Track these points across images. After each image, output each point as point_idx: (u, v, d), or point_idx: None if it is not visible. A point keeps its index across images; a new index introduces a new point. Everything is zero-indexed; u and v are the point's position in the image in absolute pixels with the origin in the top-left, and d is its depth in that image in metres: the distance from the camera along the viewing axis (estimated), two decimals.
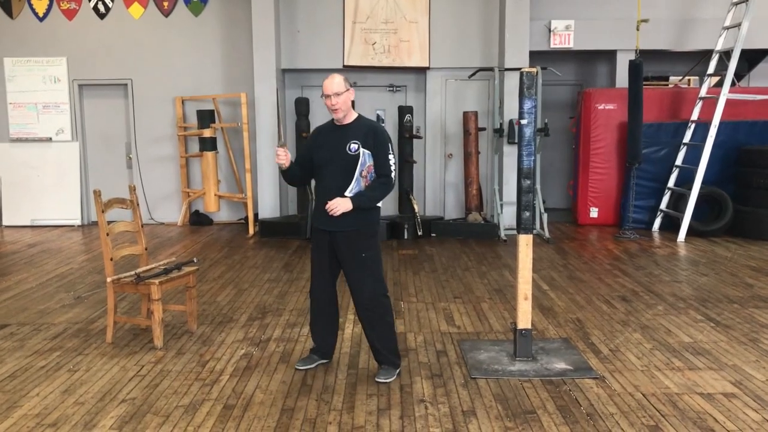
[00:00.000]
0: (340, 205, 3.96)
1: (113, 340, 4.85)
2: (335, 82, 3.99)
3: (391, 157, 4.09)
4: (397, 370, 4.20)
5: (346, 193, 4.00)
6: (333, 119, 4.14)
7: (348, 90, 4.03)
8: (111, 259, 4.78)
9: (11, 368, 4.36)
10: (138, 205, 5.12)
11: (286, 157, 4.11)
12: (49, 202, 10.15)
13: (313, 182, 4.33)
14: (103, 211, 4.75)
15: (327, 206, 3.98)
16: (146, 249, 5.15)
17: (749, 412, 3.63)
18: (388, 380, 4.08)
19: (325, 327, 4.34)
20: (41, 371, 4.30)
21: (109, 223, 4.81)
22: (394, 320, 4.34)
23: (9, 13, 10.06)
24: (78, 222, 10.16)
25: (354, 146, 4.02)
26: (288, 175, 4.27)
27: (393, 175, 4.09)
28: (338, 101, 3.99)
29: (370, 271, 4.09)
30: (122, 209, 5.12)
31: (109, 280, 4.76)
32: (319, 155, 4.14)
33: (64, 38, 10.11)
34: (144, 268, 4.89)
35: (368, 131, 4.08)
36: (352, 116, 4.13)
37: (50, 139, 10.26)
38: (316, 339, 4.37)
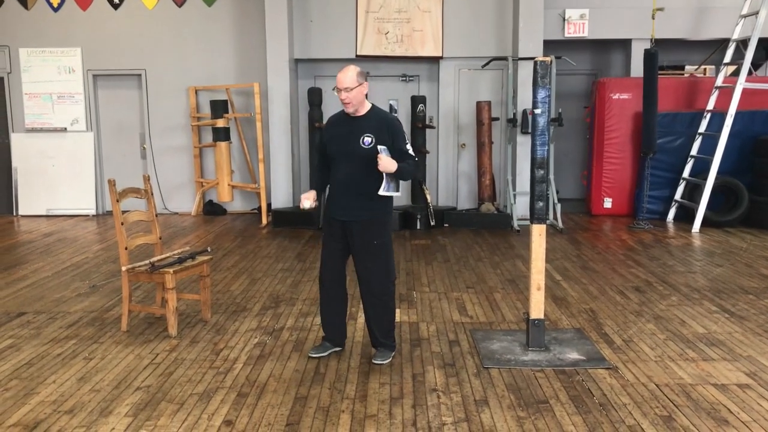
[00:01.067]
0: (390, 164, 3.95)
1: (128, 328, 4.89)
2: (348, 77, 3.99)
3: (408, 147, 4.15)
4: (393, 353, 4.30)
5: (380, 192, 4.04)
6: (343, 111, 4.16)
7: (361, 84, 4.02)
8: (126, 249, 4.82)
9: (28, 356, 4.41)
10: (152, 194, 5.15)
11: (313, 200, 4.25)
12: (64, 192, 10.23)
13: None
14: (117, 201, 4.78)
15: (379, 158, 3.93)
16: (160, 238, 5.18)
17: (764, 403, 3.61)
18: (384, 362, 4.20)
19: (336, 314, 4.37)
20: (57, 359, 4.35)
21: (123, 212, 4.84)
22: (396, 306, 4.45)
23: (24, 3, 10.11)
24: (93, 212, 10.24)
25: (368, 140, 4.04)
26: (322, 188, 4.41)
27: (414, 158, 4.17)
28: (349, 96, 4.01)
29: (382, 259, 4.16)
30: (137, 199, 5.16)
31: (124, 269, 4.80)
32: (332, 148, 4.17)
33: (78, 29, 10.15)
34: (158, 258, 4.93)
35: (381, 123, 4.09)
36: (366, 107, 4.14)
37: (65, 129, 10.32)
38: (327, 328, 4.40)
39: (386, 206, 4.19)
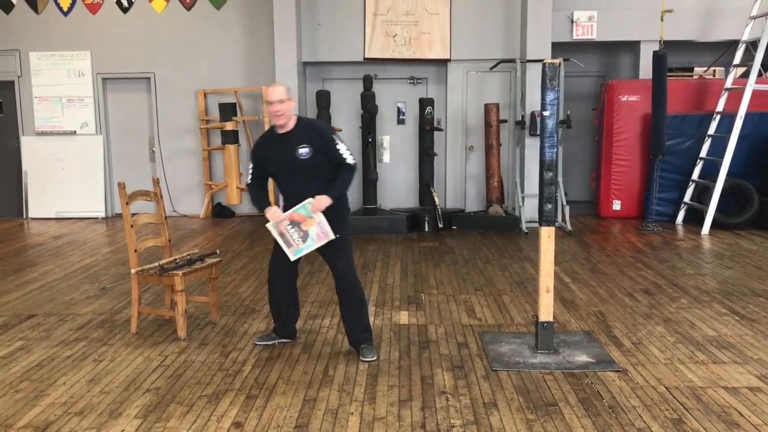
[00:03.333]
0: (322, 203, 4.19)
1: (137, 330, 4.91)
2: (278, 90, 4.18)
3: (339, 146, 4.30)
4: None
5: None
6: (272, 129, 4.33)
7: (290, 99, 4.23)
8: (135, 251, 4.84)
9: (38, 358, 4.43)
10: (161, 197, 5.18)
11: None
12: (74, 195, 10.28)
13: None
14: (127, 203, 4.80)
15: (311, 209, 4.18)
16: (170, 241, 5.20)
17: None
18: (374, 357, 4.31)
19: (289, 315, 4.61)
20: (67, 361, 4.37)
21: (133, 215, 4.86)
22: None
23: (34, 8, 10.18)
24: (102, 214, 10.29)
25: (303, 150, 4.21)
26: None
27: (349, 159, 4.31)
28: (282, 108, 4.17)
29: (348, 252, 4.42)
30: (146, 201, 5.19)
31: (133, 271, 4.82)
32: (272, 168, 4.34)
33: (88, 32, 10.21)
34: (167, 260, 4.94)
35: (311, 132, 4.28)
36: (293, 122, 4.30)
37: (75, 132, 10.38)
38: (281, 321, 4.61)
39: (341, 201, 4.38)
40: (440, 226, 8.95)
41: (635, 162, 9.60)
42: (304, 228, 4.24)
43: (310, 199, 4.19)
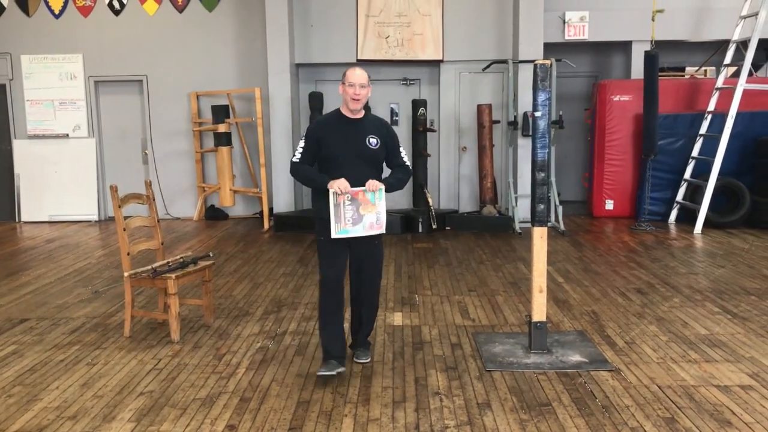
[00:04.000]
0: (378, 184, 4.02)
1: (131, 334, 4.90)
2: (363, 75, 4.04)
3: (402, 148, 4.28)
4: None
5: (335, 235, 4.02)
6: (338, 113, 4.15)
7: (369, 86, 4.11)
8: (128, 254, 4.83)
9: (31, 362, 4.42)
10: (154, 200, 5.17)
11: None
12: (67, 198, 10.25)
13: None
14: (120, 207, 4.80)
15: (367, 186, 3.98)
16: (162, 244, 5.19)
17: (766, 404, 3.61)
18: (369, 359, 4.33)
19: (340, 322, 4.16)
20: (60, 365, 4.36)
21: (125, 218, 4.85)
22: None
23: (26, 10, 10.15)
24: (95, 217, 10.26)
25: (374, 140, 4.10)
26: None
27: (408, 162, 4.30)
28: (363, 92, 4.03)
29: (380, 264, 4.35)
30: (139, 204, 5.18)
31: (126, 274, 4.81)
32: (334, 149, 4.08)
33: (79, 35, 10.18)
34: (161, 263, 4.94)
35: (381, 127, 4.20)
36: (362, 111, 4.19)
37: (67, 135, 10.35)
38: (332, 342, 4.10)
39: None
40: (434, 227, 8.96)
41: (628, 162, 9.63)
42: (361, 212, 3.98)
43: (383, 187, 4.03)
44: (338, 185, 3.94)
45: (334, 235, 3.97)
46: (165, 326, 4.99)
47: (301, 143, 4.18)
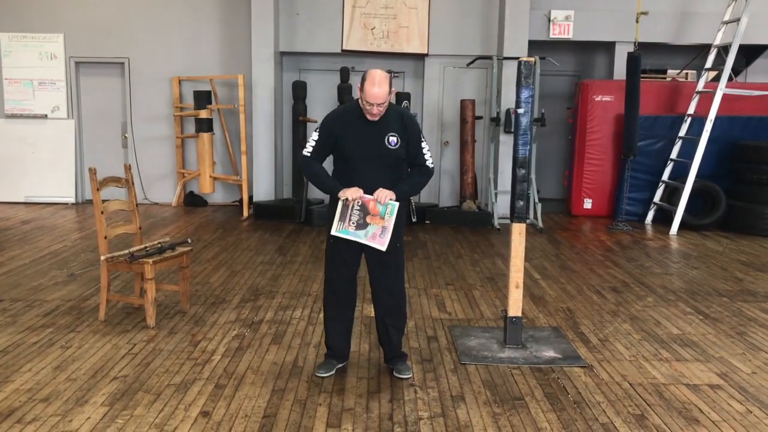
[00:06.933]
0: (388, 195, 3.75)
1: (106, 318, 4.86)
2: (384, 91, 3.64)
3: (424, 144, 3.93)
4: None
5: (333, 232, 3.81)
6: (356, 106, 3.83)
7: (391, 91, 3.73)
8: (105, 238, 4.79)
9: (3, 343, 4.37)
10: (133, 184, 5.13)
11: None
12: (44, 180, 10.12)
13: None
14: (98, 189, 4.75)
15: (376, 196, 3.73)
16: (140, 228, 5.16)
17: (733, 404, 3.68)
18: (410, 375, 3.99)
19: (347, 329, 4.08)
20: (33, 347, 4.32)
21: (103, 201, 4.81)
22: None
23: None
24: (72, 200, 10.14)
25: (393, 139, 3.77)
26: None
27: (429, 162, 3.96)
28: (382, 109, 3.71)
29: (400, 271, 3.99)
30: (117, 188, 5.14)
31: (102, 258, 4.78)
32: (350, 149, 3.80)
33: (61, 15, 10.03)
34: (138, 247, 4.90)
35: (398, 119, 3.84)
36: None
37: (46, 116, 10.21)
38: (335, 341, 4.05)
39: (402, 209, 3.86)
40: (414, 220, 8.97)
41: (607, 161, 9.71)
42: (368, 220, 3.78)
43: (396, 203, 3.78)
44: (350, 195, 3.73)
45: (333, 231, 3.81)
46: (140, 311, 4.96)
47: (315, 135, 3.88)
